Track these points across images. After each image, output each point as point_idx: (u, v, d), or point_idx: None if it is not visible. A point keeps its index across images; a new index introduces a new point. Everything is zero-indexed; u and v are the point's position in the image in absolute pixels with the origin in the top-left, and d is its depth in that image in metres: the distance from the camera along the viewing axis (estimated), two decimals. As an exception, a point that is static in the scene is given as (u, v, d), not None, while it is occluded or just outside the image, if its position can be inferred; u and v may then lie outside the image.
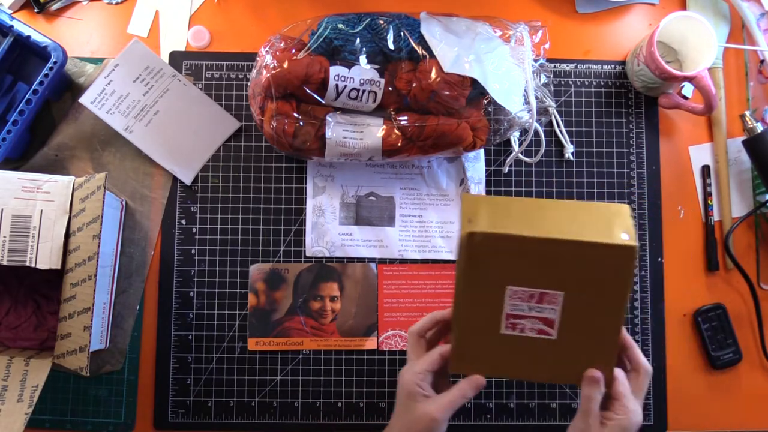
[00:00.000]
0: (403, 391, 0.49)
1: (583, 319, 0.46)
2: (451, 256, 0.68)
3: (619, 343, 0.47)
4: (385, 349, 0.67)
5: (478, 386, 0.49)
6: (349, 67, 0.59)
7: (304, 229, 0.68)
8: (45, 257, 0.56)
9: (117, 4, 0.70)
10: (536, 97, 0.62)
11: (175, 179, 0.68)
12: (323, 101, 0.60)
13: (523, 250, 0.44)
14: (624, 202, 0.69)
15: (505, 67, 0.60)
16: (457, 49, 0.59)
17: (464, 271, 0.46)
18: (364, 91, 0.59)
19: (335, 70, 0.58)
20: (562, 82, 0.70)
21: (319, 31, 0.59)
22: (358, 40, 0.59)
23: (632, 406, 0.46)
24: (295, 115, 0.60)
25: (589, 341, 0.47)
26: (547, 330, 0.46)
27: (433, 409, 0.47)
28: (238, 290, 0.67)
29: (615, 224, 0.44)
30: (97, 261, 0.55)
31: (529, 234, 0.44)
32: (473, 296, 0.47)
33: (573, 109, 0.70)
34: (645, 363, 0.49)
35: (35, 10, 0.69)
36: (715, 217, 0.69)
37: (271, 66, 0.58)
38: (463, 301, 0.48)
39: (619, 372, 0.48)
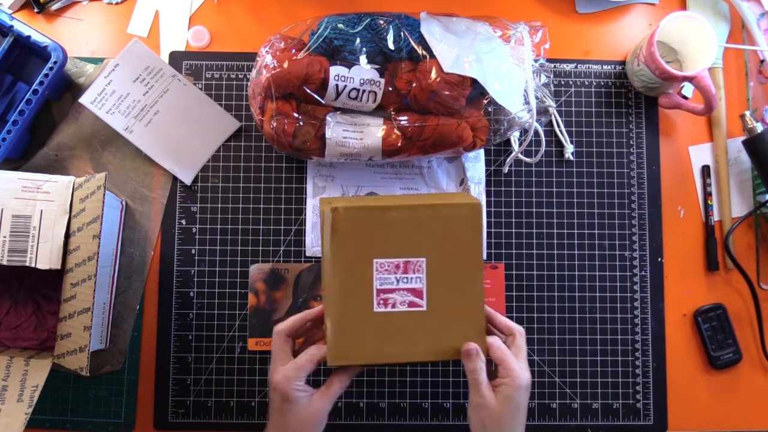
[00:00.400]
0: (278, 396, 0.48)
1: (448, 285, 0.49)
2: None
3: (485, 311, 0.51)
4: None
5: (353, 373, 0.50)
6: (349, 67, 0.59)
7: (304, 229, 0.68)
8: (45, 257, 0.56)
9: (117, 4, 0.70)
10: (536, 97, 0.62)
11: (175, 179, 0.68)
12: (323, 101, 0.60)
13: (382, 219, 0.49)
14: (624, 202, 0.69)
15: (505, 67, 0.60)
16: (457, 49, 0.59)
17: (332, 251, 0.49)
18: (364, 91, 0.59)
19: (335, 70, 0.58)
20: (562, 82, 0.70)
21: (319, 31, 0.59)
22: (358, 40, 0.59)
23: (515, 366, 0.48)
24: (295, 115, 0.60)
25: (458, 310, 0.50)
26: (417, 301, 0.49)
27: (319, 406, 0.48)
28: (238, 290, 0.67)
29: (457, 197, 0.53)
30: (97, 261, 0.54)
31: (385, 204, 0.50)
32: (342, 276, 0.49)
33: (573, 109, 0.70)
34: (513, 325, 0.52)
35: (35, 10, 0.69)
36: (715, 217, 0.69)
37: (271, 66, 0.58)
38: (332, 284, 0.49)
39: (492, 338, 0.50)
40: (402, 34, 0.59)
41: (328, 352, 0.49)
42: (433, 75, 0.58)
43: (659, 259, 0.68)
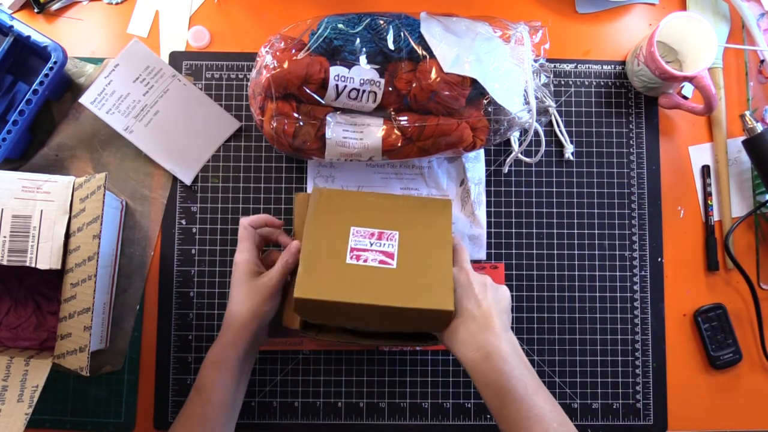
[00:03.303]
0: (239, 271, 0.56)
1: (418, 253, 0.54)
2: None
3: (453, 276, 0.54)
4: (384, 349, 0.67)
5: (297, 251, 0.56)
6: (349, 67, 0.59)
7: (304, 229, 0.67)
8: (45, 257, 0.56)
9: (117, 4, 0.70)
10: (536, 97, 0.62)
11: (175, 179, 0.68)
12: (323, 101, 0.60)
13: (363, 201, 0.58)
14: (624, 202, 0.69)
15: (505, 67, 0.60)
16: (457, 49, 0.59)
17: (313, 219, 0.55)
18: (364, 91, 0.59)
19: (335, 70, 0.58)
20: (562, 82, 0.70)
21: (319, 31, 0.59)
22: (358, 40, 0.59)
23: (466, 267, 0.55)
24: (295, 115, 0.60)
25: (426, 271, 0.53)
26: (388, 261, 0.53)
27: (268, 278, 0.55)
28: (238, 290, 0.67)
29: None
30: (97, 261, 0.54)
31: (367, 192, 0.58)
32: (320, 232, 0.55)
33: (573, 109, 0.70)
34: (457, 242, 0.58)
35: (35, 10, 0.69)
36: (715, 217, 0.69)
37: (271, 66, 0.58)
38: (308, 238, 0.54)
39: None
40: (402, 34, 0.59)
41: (296, 287, 0.51)
42: (433, 75, 0.58)
43: (659, 259, 0.68)
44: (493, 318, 0.51)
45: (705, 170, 0.70)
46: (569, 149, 0.69)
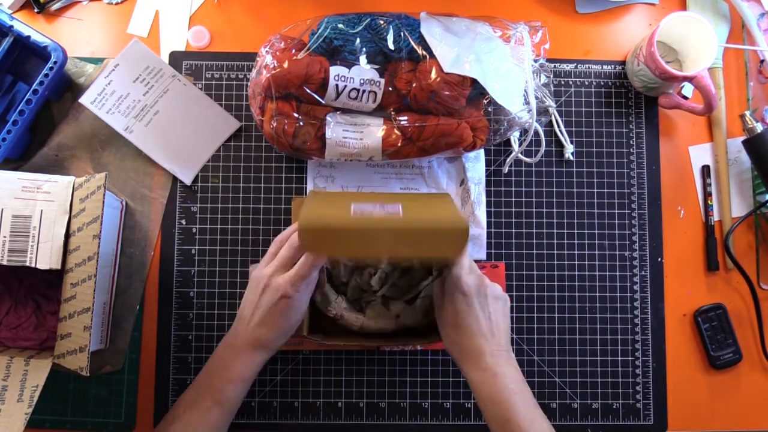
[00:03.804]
0: (288, 305, 0.52)
1: (425, 208, 0.53)
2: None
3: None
4: (385, 349, 0.67)
5: (318, 262, 0.52)
6: (349, 67, 0.59)
7: (304, 229, 0.67)
8: (45, 257, 0.56)
9: (117, 4, 0.70)
10: (536, 97, 0.62)
11: (175, 179, 0.68)
12: (323, 101, 0.60)
13: (361, 194, 0.59)
14: (624, 202, 0.69)
15: (505, 67, 0.60)
16: (457, 49, 0.59)
17: (310, 201, 0.54)
18: (364, 91, 0.59)
19: (335, 70, 0.58)
20: (562, 82, 0.70)
21: (319, 31, 0.59)
22: (358, 40, 0.59)
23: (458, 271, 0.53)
24: (295, 115, 0.60)
25: (434, 211, 0.52)
26: (395, 212, 0.51)
27: (282, 282, 0.52)
28: (238, 290, 0.67)
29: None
30: (97, 261, 0.54)
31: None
32: (320, 201, 0.54)
33: (573, 109, 0.70)
34: None
35: (35, 10, 0.69)
36: (715, 217, 0.69)
37: (271, 66, 0.58)
38: (308, 206, 0.52)
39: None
40: (402, 34, 0.59)
41: (301, 219, 0.48)
42: (433, 75, 0.58)
43: (659, 259, 0.68)
44: (502, 336, 0.52)
45: (705, 170, 0.70)
46: (569, 149, 0.69)
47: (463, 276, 0.52)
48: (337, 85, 0.59)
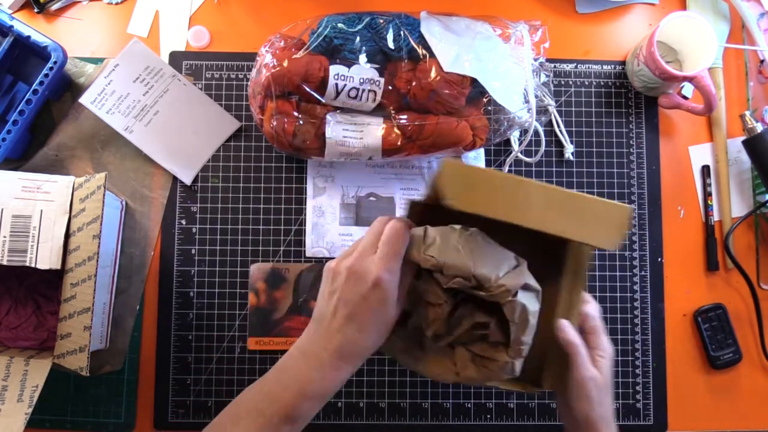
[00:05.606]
0: (384, 297, 0.43)
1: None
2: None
3: None
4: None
5: (406, 238, 0.44)
6: (349, 66, 0.59)
7: (305, 230, 0.67)
8: (45, 257, 0.56)
9: (117, 4, 0.70)
10: (536, 96, 0.62)
11: (175, 179, 0.68)
12: (323, 100, 0.60)
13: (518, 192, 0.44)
14: (624, 202, 0.69)
15: (504, 66, 0.60)
16: (456, 48, 0.59)
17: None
18: (363, 90, 0.59)
19: (335, 69, 0.58)
20: (562, 82, 0.70)
21: (319, 30, 0.59)
22: (357, 39, 0.59)
23: (606, 338, 0.50)
24: (295, 114, 0.60)
25: None
26: None
27: (372, 265, 0.43)
28: (238, 290, 0.67)
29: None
30: (97, 261, 0.54)
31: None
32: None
33: (573, 109, 0.70)
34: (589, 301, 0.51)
35: (35, 10, 0.69)
36: (715, 217, 0.69)
37: (271, 65, 0.58)
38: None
39: (590, 307, 0.50)
40: (402, 33, 0.59)
41: (447, 193, 0.41)
42: (433, 74, 0.58)
43: (659, 259, 0.68)
44: (611, 383, 0.50)
45: (705, 170, 0.70)
46: (569, 149, 0.69)
47: (608, 341, 0.49)
48: (336, 84, 0.59)
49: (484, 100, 0.61)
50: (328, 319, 0.44)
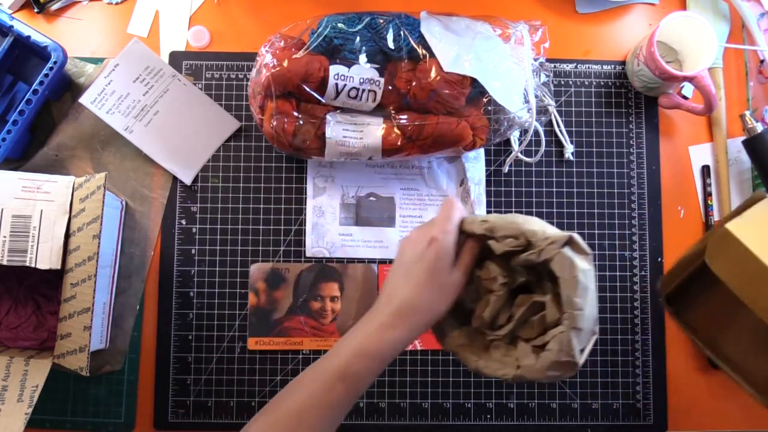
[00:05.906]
0: (442, 257, 0.46)
1: None
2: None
3: None
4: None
5: (478, 244, 0.48)
6: (349, 66, 0.59)
7: (305, 230, 0.68)
8: (45, 257, 0.56)
9: (117, 4, 0.70)
10: (536, 96, 0.62)
11: (175, 179, 0.68)
12: (323, 100, 0.60)
13: None
14: (624, 202, 0.69)
15: (504, 66, 0.61)
16: (456, 48, 0.59)
17: None
18: (363, 90, 0.59)
19: (335, 69, 0.58)
20: (562, 82, 0.70)
21: (319, 30, 0.59)
22: (357, 39, 0.59)
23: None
24: (295, 114, 0.60)
25: None
26: None
27: (460, 274, 0.47)
28: (238, 290, 0.67)
29: None
30: (97, 261, 0.55)
31: None
32: None
33: (573, 109, 0.70)
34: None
35: (35, 10, 0.69)
36: (715, 217, 0.69)
37: (271, 65, 0.58)
38: None
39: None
40: (402, 33, 0.59)
41: (714, 240, 0.41)
42: (433, 74, 0.58)
43: (659, 259, 0.68)
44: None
45: (705, 170, 0.70)
46: (569, 149, 0.69)
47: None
48: (336, 84, 0.59)
49: (484, 100, 0.61)
50: (389, 288, 0.47)
